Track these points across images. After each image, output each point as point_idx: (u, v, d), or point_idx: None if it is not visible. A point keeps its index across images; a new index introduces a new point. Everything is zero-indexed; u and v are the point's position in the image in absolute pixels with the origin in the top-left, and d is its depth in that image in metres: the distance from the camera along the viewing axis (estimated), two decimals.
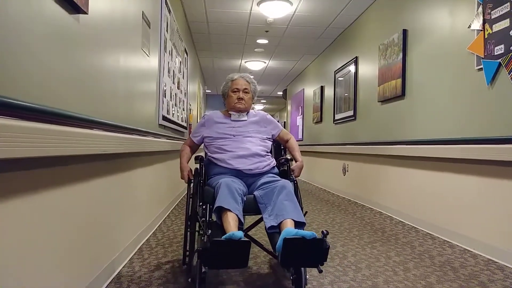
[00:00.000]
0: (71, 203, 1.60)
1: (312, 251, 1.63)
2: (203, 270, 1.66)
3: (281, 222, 1.85)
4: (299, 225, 1.86)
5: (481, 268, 2.43)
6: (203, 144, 2.41)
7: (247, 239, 1.64)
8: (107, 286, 2.00)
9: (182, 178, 2.28)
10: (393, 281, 2.17)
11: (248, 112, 2.40)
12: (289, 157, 2.33)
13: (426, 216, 3.51)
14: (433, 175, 3.44)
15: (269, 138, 2.39)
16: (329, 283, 2.11)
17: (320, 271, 1.66)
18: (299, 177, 2.30)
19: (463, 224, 3.00)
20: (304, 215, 1.93)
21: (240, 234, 1.63)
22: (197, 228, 2.12)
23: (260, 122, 2.39)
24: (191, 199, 2.18)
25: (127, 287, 2.00)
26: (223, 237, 1.62)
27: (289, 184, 2.04)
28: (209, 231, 1.65)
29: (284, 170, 2.33)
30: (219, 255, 1.59)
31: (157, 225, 3.48)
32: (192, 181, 2.22)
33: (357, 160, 5.37)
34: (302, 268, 1.82)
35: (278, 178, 2.16)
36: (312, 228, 3.47)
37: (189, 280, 2.01)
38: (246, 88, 2.37)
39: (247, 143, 2.23)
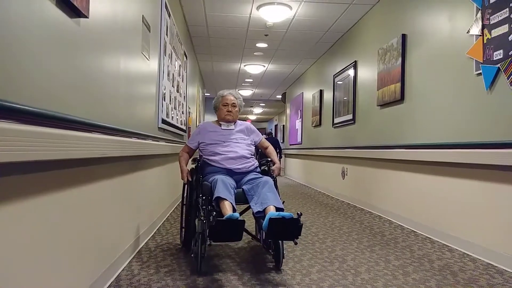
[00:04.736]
0: (71, 206, 1.60)
1: (290, 228, 2.09)
2: (208, 242, 2.07)
3: (265, 208, 2.30)
4: (279, 210, 2.29)
5: (481, 272, 2.43)
6: (198, 149, 2.85)
7: (243, 219, 2.10)
8: None
9: (182, 178, 2.72)
10: (393, 285, 2.17)
11: (235, 122, 2.87)
12: (269, 159, 2.82)
13: (425, 220, 3.51)
14: (432, 179, 3.44)
15: (253, 144, 2.87)
16: (328, 287, 2.11)
17: (296, 243, 2.13)
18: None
19: (462, 228, 3.01)
20: (283, 203, 2.38)
21: (237, 215, 2.08)
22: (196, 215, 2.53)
23: (245, 130, 2.87)
24: (187, 192, 2.71)
25: None
26: (225, 217, 2.07)
27: (270, 180, 2.52)
28: (214, 213, 2.08)
29: (265, 170, 2.82)
30: (221, 231, 2.03)
31: (156, 228, 3.47)
32: (190, 180, 2.69)
33: (356, 163, 5.37)
34: (280, 247, 2.34)
35: (261, 175, 2.63)
36: (311, 231, 3.47)
37: (192, 255, 2.42)
38: (234, 103, 2.83)
39: (235, 148, 2.70)
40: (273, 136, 14.50)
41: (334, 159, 6.38)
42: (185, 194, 2.79)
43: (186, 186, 2.78)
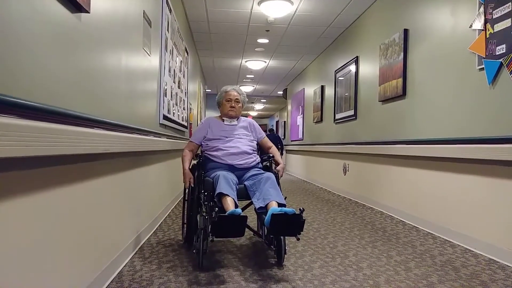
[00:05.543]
0: (72, 202, 1.60)
1: (292, 224, 2.11)
2: (211, 238, 2.06)
3: (268, 203, 2.31)
4: (281, 206, 2.29)
5: (483, 268, 2.43)
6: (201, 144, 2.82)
7: (245, 215, 2.09)
8: (108, 285, 2.00)
9: (184, 182, 2.66)
10: (395, 280, 2.17)
11: (238, 118, 2.87)
12: (271, 155, 2.80)
13: (427, 216, 3.51)
14: (434, 175, 3.44)
15: (255, 140, 2.86)
16: (330, 283, 2.11)
17: (298, 239, 2.15)
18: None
19: (464, 223, 3.00)
20: (285, 199, 2.38)
21: (239, 211, 2.11)
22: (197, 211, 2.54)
23: (248, 127, 2.86)
24: (189, 188, 2.67)
25: (129, 286, 2.00)
26: (227, 213, 2.09)
27: (272, 176, 2.50)
28: (217, 209, 2.12)
29: (267, 165, 2.81)
30: (223, 227, 2.04)
31: (158, 224, 3.48)
32: (192, 186, 2.63)
33: (358, 159, 5.37)
34: (282, 242, 2.35)
35: (263, 171, 2.63)
36: (313, 227, 3.48)
37: (194, 251, 2.43)
38: (237, 99, 2.83)
39: (237, 143, 2.70)
40: (275, 132, 14.49)
41: (336, 155, 6.37)
42: (187, 190, 2.78)
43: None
